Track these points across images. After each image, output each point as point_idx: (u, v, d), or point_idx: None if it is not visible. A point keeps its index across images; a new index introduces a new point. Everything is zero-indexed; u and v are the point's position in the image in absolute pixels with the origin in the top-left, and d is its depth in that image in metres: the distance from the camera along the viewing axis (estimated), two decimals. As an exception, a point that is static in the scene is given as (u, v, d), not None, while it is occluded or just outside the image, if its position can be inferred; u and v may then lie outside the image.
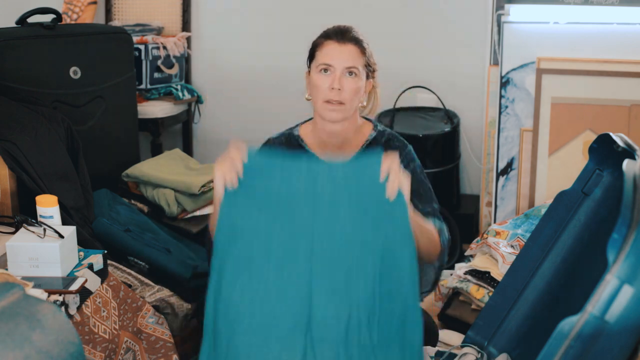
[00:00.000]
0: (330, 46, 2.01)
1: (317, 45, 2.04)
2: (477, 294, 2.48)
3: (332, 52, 1.99)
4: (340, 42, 2.00)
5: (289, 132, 2.15)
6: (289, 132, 2.15)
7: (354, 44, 2.01)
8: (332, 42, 2.01)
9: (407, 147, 2.13)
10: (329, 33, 2.03)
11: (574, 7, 3.15)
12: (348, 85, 1.99)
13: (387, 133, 2.14)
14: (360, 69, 2.00)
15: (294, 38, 2.15)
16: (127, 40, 3.06)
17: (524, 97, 3.20)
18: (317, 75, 2.01)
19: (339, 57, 1.99)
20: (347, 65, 1.98)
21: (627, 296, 1.37)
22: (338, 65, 1.98)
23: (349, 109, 2.02)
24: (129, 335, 2.03)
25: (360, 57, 2.01)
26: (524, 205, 3.20)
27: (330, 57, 1.99)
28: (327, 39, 2.02)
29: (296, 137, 2.13)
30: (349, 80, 1.99)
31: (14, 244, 1.87)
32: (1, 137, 2.26)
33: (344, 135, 2.08)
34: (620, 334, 1.39)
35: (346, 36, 2.01)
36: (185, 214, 2.82)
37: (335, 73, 1.99)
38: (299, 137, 2.13)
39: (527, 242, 1.95)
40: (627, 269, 1.37)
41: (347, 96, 1.99)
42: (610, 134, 1.76)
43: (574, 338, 1.38)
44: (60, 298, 1.79)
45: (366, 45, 2.04)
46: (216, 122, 3.90)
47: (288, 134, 2.15)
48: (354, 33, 2.03)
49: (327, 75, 1.99)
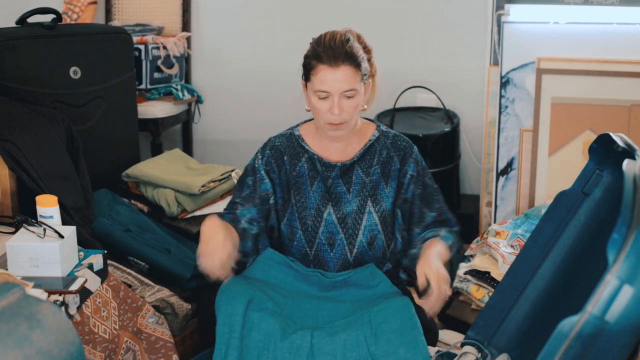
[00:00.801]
0: (324, 72, 1.95)
1: (311, 68, 1.98)
2: (477, 294, 2.48)
3: (326, 78, 1.95)
4: (334, 66, 1.94)
5: (289, 133, 2.16)
6: (289, 133, 2.16)
7: (347, 64, 1.95)
8: (325, 66, 1.95)
9: (413, 147, 2.14)
10: (321, 55, 1.96)
11: (574, 7, 3.14)
12: (348, 106, 1.98)
13: (391, 134, 2.14)
14: (357, 87, 1.98)
15: (294, 38, 2.15)
16: (127, 40, 3.06)
17: (524, 97, 3.20)
18: (315, 99, 1.99)
19: (334, 83, 1.95)
20: (343, 90, 1.95)
21: (627, 296, 1.37)
22: (335, 91, 1.96)
23: (352, 124, 2.04)
24: (129, 335, 2.03)
25: (355, 75, 1.97)
26: (524, 205, 3.20)
27: (326, 84, 1.95)
28: (319, 63, 1.96)
29: (297, 137, 2.13)
30: (348, 102, 1.97)
31: (14, 244, 1.87)
32: (1, 137, 2.26)
33: (346, 139, 2.10)
34: (620, 334, 1.38)
35: (339, 59, 1.94)
36: (185, 214, 2.82)
37: (333, 99, 1.96)
38: (300, 137, 2.13)
39: (527, 242, 1.95)
40: (627, 269, 1.37)
41: (348, 115, 1.99)
42: (610, 134, 1.76)
43: (574, 338, 1.38)
44: (60, 298, 1.79)
45: (362, 56, 1.99)
46: (216, 122, 3.90)
47: (289, 134, 2.15)
48: (348, 49, 1.96)
49: (325, 101, 1.97)
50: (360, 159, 2.10)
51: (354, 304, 2.02)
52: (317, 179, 2.10)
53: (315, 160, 2.10)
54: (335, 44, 1.96)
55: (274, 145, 2.13)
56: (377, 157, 2.11)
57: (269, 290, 2.03)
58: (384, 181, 2.10)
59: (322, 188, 2.10)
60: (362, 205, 2.09)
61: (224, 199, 2.89)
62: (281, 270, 2.09)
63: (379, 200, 2.10)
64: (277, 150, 2.12)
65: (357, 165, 2.10)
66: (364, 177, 2.10)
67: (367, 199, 2.09)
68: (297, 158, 2.12)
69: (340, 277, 2.08)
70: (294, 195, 2.11)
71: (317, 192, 2.10)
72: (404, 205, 2.10)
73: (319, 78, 1.96)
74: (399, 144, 2.12)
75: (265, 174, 2.10)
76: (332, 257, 2.11)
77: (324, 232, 2.09)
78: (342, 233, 2.09)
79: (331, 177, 2.09)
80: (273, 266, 2.09)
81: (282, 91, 3.72)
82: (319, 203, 2.09)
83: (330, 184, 2.09)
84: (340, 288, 2.07)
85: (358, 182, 2.10)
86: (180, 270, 2.44)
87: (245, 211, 2.07)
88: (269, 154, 2.12)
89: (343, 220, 2.09)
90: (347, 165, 2.10)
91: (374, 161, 2.11)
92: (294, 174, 2.11)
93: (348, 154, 2.11)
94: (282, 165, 2.11)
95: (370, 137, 2.12)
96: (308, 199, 2.10)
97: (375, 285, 2.06)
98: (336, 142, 2.10)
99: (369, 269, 2.08)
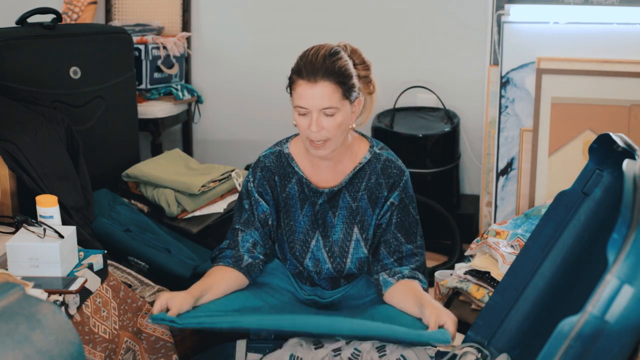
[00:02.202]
0: (302, 87, 1.90)
1: (292, 82, 1.94)
2: (477, 294, 2.48)
3: (304, 94, 1.90)
4: (312, 82, 1.89)
5: (279, 150, 2.10)
6: (279, 150, 2.10)
7: (326, 80, 1.88)
8: (304, 82, 1.90)
9: (404, 174, 2.06)
10: (301, 69, 1.91)
11: (574, 7, 3.14)
12: (328, 124, 1.91)
13: (383, 158, 2.06)
14: (338, 105, 1.90)
15: (294, 38, 2.14)
16: (127, 40, 3.06)
17: (524, 97, 3.20)
18: (296, 115, 1.95)
19: (311, 100, 1.89)
20: (321, 108, 1.90)
21: (627, 296, 1.36)
22: (313, 108, 1.90)
23: (335, 143, 1.96)
24: (129, 335, 2.03)
25: (335, 92, 1.89)
26: (524, 205, 3.20)
27: (303, 99, 1.90)
28: (299, 78, 1.91)
29: (287, 155, 2.08)
30: (328, 120, 1.91)
31: (14, 244, 1.87)
32: (1, 137, 2.26)
33: (336, 159, 2.05)
34: (620, 334, 1.38)
35: (318, 74, 1.88)
36: (185, 214, 2.82)
37: (312, 115, 1.91)
38: (290, 155, 2.08)
39: (527, 242, 1.95)
40: (627, 269, 1.37)
41: (329, 133, 1.93)
42: (610, 134, 1.76)
43: (574, 338, 1.38)
44: (60, 298, 1.78)
45: (344, 73, 1.91)
46: (216, 122, 3.90)
47: (278, 152, 2.09)
48: (329, 64, 1.89)
49: (305, 117, 1.92)
50: (349, 183, 2.05)
51: (352, 310, 2.03)
52: (306, 202, 2.07)
53: (303, 184, 2.06)
54: (317, 59, 1.90)
55: (264, 166, 2.08)
56: (366, 182, 2.05)
57: (267, 296, 2.03)
58: (371, 208, 2.05)
59: (311, 212, 2.07)
60: (349, 233, 2.05)
61: (224, 198, 2.89)
62: (284, 281, 2.10)
63: (366, 228, 2.05)
64: (268, 171, 2.07)
65: (345, 190, 2.05)
66: (351, 202, 2.05)
67: (354, 226, 2.05)
68: (287, 179, 2.07)
69: (337, 294, 2.09)
70: (283, 218, 2.08)
71: (306, 217, 2.06)
72: (377, 230, 2.06)
73: (297, 93, 1.92)
74: (389, 171, 2.04)
75: (259, 196, 2.07)
76: (322, 281, 2.11)
77: (311, 258, 2.07)
78: (329, 263, 2.06)
79: (318, 204, 2.06)
80: (277, 275, 2.10)
81: (282, 91, 3.69)
82: (308, 228, 2.06)
83: (317, 209, 2.06)
84: (338, 303, 2.09)
85: (344, 206, 2.05)
86: (180, 270, 2.44)
87: (247, 236, 2.06)
88: (260, 176, 2.07)
89: (330, 249, 2.06)
90: (335, 192, 2.05)
91: (362, 186, 2.05)
92: (283, 195, 2.07)
93: (338, 176, 2.06)
94: (274, 186, 2.08)
95: (361, 160, 2.05)
96: (297, 223, 2.07)
97: (372, 294, 2.06)
98: (326, 161, 2.05)
99: (363, 280, 2.08)
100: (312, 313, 1.99)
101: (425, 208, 3.21)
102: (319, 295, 2.10)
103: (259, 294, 2.03)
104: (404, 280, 1.99)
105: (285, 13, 3.70)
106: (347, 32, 2.16)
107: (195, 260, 2.54)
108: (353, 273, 2.08)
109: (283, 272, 2.11)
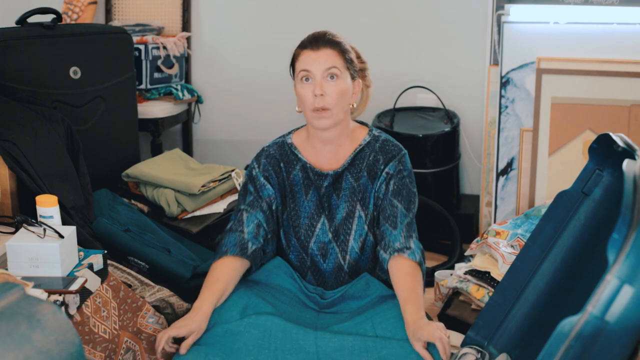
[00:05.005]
0: (305, 54, 2.04)
1: (295, 56, 2.07)
2: (477, 294, 2.48)
3: (308, 59, 2.02)
4: (315, 49, 2.03)
5: (282, 141, 2.17)
6: (282, 141, 2.17)
7: (329, 47, 2.03)
8: (308, 50, 2.04)
9: (401, 151, 2.13)
10: (304, 42, 2.06)
11: (574, 7, 3.15)
12: (330, 89, 2.01)
13: (381, 138, 2.14)
14: (340, 69, 2.02)
15: (294, 38, 2.15)
16: (127, 40, 3.06)
17: (524, 97, 3.20)
18: (300, 85, 2.04)
19: (315, 62, 2.01)
20: (325, 67, 2.01)
21: (627, 296, 1.37)
22: (316, 70, 2.01)
23: (337, 114, 2.03)
24: (129, 335, 2.03)
25: (337, 57, 2.03)
26: (524, 205, 3.20)
27: (307, 64, 2.02)
28: (302, 49, 2.05)
29: (289, 145, 2.15)
30: (331, 84, 2.01)
31: (14, 244, 1.87)
32: (1, 137, 2.26)
33: (337, 142, 2.11)
34: (620, 334, 1.38)
35: (320, 42, 2.03)
36: (185, 214, 2.82)
37: (315, 79, 2.01)
38: (292, 145, 2.15)
39: (527, 242, 1.95)
40: (627, 269, 1.37)
41: (331, 100, 2.01)
42: (610, 134, 1.76)
43: (574, 338, 1.38)
44: (60, 298, 1.78)
45: (345, 46, 2.06)
46: (216, 122, 3.90)
47: (281, 142, 2.17)
48: (329, 37, 2.05)
49: (308, 84, 2.02)
50: (350, 165, 2.11)
51: (352, 312, 2.04)
52: (311, 188, 2.12)
53: (308, 169, 2.11)
54: (319, 34, 2.06)
55: (269, 153, 2.15)
56: (366, 160, 2.11)
57: (269, 296, 2.04)
58: (371, 183, 2.11)
59: (316, 197, 2.11)
60: (352, 210, 2.10)
61: (224, 198, 2.89)
62: (286, 280, 2.11)
63: (368, 204, 2.11)
64: (272, 158, 2.14)
65: (347, 171, 2.11)
66: (353, 182, 2.11)
67: (356, 203, 2.10)
68: (291, 166, 2.14)
69: (338, 293, 2.10)
70: (289, 203, 2.13)
71: (311, 202, 2.11)
72: (377, 202, 2.11)
73: (301, 61, 2.04)
74: (387, 147, 2.12)
75: (264, 180, 2.12)
76: (326, 268, 2.12)
77: (316, 242, 2.11)
78: (333, 242, 2.11)
79: (324, 187, 2.11)
80: (279, 275, 2.12)
81: (281, 91, 3.72)
82: (313, 213, 2.11)
83: (323, 193, 2.11)
84: (338, 304, 2.10)
85: (347, 187, 2.11)
86: (180, 270, 2.43)
87: (252, 217, 2.10)
88: (265, 162, 2.14)
89: (335, 230, 2.10)
90: (339, 173, 2.11)
91: (362, 165, 2.11)
92: (289, 181, 2.13)
93: (339, 159, 2.12)
94: (279, 171, 2.13)
95: (360, 142, 2.12)
96: (302, 208, 2.12)
97: (372, 294, 2.07)
98: (328, 145, 2.11)
99: (363, 279, 2.10)
100: (311, 327, 1.98)
101: (425, 208, 3.21)
102: (320, 294, 2.12)
103: (265, 296, 2.06)
104: (395, 258, 2.02)
105: (286, 13, 3.70)
106: (347, 32, 2.16)
107: (195, 260, 2.54)
108: (356, 259, 2.10)
109: (285, 271, 2.13)
